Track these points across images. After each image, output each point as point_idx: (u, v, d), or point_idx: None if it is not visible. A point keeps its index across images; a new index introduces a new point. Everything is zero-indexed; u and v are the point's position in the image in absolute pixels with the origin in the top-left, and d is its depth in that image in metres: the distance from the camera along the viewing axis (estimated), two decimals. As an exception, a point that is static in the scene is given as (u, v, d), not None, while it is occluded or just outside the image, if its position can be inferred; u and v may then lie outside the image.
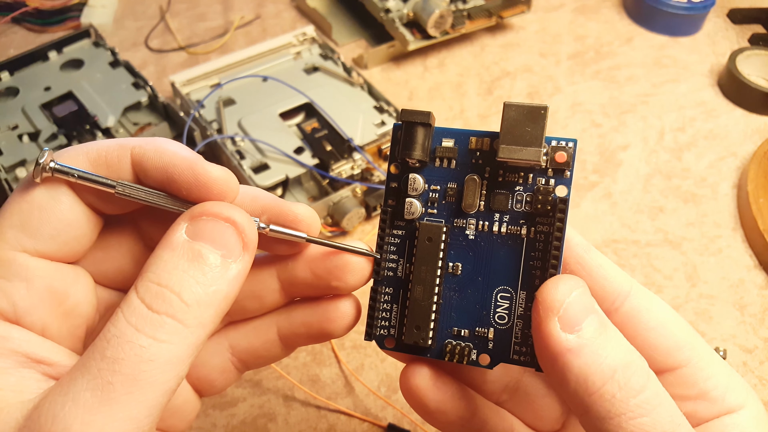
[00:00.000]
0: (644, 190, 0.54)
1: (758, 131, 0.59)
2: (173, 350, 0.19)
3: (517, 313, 0.24)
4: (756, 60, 0.63)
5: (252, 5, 0.72)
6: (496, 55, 0.66)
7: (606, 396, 0.20)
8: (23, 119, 0.54)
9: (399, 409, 0.41)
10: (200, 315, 0.20)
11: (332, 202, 0.48)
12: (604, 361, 0.20)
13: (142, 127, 0.55)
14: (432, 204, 0.25)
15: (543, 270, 0.23)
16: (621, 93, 0.62)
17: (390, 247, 0.25)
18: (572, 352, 0.20)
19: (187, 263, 0.20)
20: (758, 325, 0.45)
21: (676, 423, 0.20)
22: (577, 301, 0.21)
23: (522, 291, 0.24)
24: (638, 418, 0.20)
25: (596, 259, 0.24)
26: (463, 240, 0.24)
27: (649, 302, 0.25)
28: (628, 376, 0.20)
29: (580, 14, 0.71)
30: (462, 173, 0.24)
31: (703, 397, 0.24)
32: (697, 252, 0.49)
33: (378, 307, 0.25)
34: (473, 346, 0.24)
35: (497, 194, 0.24)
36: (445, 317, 0.24)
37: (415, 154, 0.24)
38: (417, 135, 0.24)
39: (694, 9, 0.67)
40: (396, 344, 0.25)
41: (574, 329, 0.20)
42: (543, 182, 0.24)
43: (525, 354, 0.24)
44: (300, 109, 0.56)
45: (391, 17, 0.64)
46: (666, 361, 0.24)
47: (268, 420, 0.40)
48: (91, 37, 0.62)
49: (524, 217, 0.24)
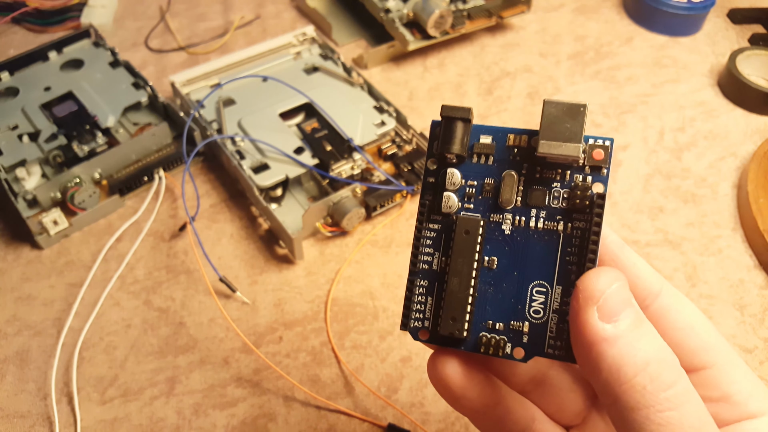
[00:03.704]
0: (644, 190, 0.54)
1: (758, 131, 0.59)
2: None
3: (553, 308, 0.24)
4: (756, 60, 0.63)
5: (252, 5, 0.72)
6: (496, 55, 0.66)
7: (637, 387, 0.20)
8: (23, 119, 0.54)
9: (399, 409, 0.41)
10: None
11: (332, 202, 0.48)
12: (638, 353, 0.20)
13: (142, 127, 0.55)
14: (469, 199, 0.25)
15: (579, 265, 0.24)
16: (621, 93, 0.62)
17: (426, 240, 0.25)
18: (608, 342, 0.21)
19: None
20: (758, 325, 0.45)
21: (703, 421, 0.20)
22: (616, 293, 0.21)
23: (558, 286, 0.24)
24: (666, 411, 0.20)
25: (630, 257, 0.25)
26: (499, 235, 0.25)
27: (679, 303, 0.25)
28: (660, 371, 0.20)
29: (580, 14, 0.71)
30: (499, 169, 0.25)
31: (725, 400, 0.24)
32: (697, 252, 0.49)
33: (413, 299, 0.25)
34: (508, 339, 0.24)
35: (534, 190, 0.24)
36: (480, 310, 0.25)
37: (454, 148, 0.24)
38: (456, 131, 0.24)
39: (694, 9, 0.67)
40: (430, 336, 0.25)
41: (612, 320, 0.21)
42: (580, 179, 0.24)
43: (560, 348, 0.24)
44: (300, 109, 0.56)
45: (391, 17, 0.64)
46: (692, 362, 0.24)
47: (268, 420, 0.40)
48: (91, 37, 0.62)
49: (561, 213, 0.24)
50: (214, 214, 0.52)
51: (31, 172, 0.51)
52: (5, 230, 0.51)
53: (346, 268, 0.48)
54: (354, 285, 0.47)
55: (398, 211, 0.51)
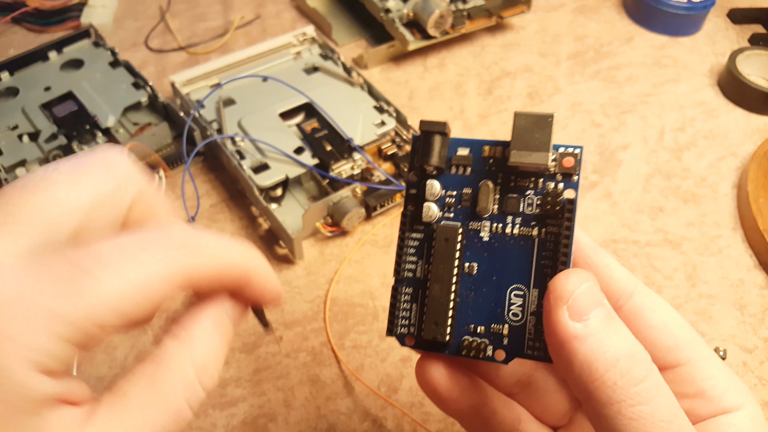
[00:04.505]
0: (644, 190, 0.54)
1: (758, 131, 0.59)
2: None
3: (530, 310, 0.25)
4: (756, 60, 0.63)
5: (252, 5, 0.72)
6: (496, 55, 0.66)
7: (608, 383, 0.21)
8: (23, 119, 0.54)
9: (400, 408, 0.41)
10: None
11: (332, 202, 0.48)
12: (608, 350, 0.21)
13: (142, 127, 0.55)
14: (448, 208, 0.26)
15: (553, 268, 0.25)
16: (621, 93, 0.62)
17: (409, 249, 0.27)
18: (578, 340, 0.21)
19: (226, 343, 0.24)
20: (758, 325, 0.45)
21: (674, 414, 0.21)
22: (585, 292, 0.22)
23: (534, 289, 0.25)
24: (638, 405, 0.20)
25: (603, 259, 0.26)
26: (478, 241, 0.26)
27: (653, 302, 0.26)
28: (631, 366, 0.21)
29: (580, 14, 0.71)
30: (476, 179, 0.26)
31: (701, 395, 0.25)
32: (697, 252, 0.49)
33: (398, 306, 0.26)
34: (489, 342, 0.25)
35: (509, 198, 0.26)
36: (462, 315, 0.26)
37: (433, 161, 0.26)
38: (434, 144, 0.26)
39: (694, 9, 0.67)
40: (416, 342, 0.26)
41: (581, 318, 0.21)
42: (552, 186, 0.25)
43: (538, 349, 0.25)
44: (300, 109, 0.56)
45: (391, 17, 0.64)
46: (666, 359, 0.25)
47: (268, 420, 0.40)
48: (91, 37, 0.62)
49: (535, 219, 0.25)
50: (214, 214, 0.52)
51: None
52: (5, 230, 0.51)
53: (346, 268, 0.48)
54: (354, 285, 0.47)
55: (398, 211, 0.51)
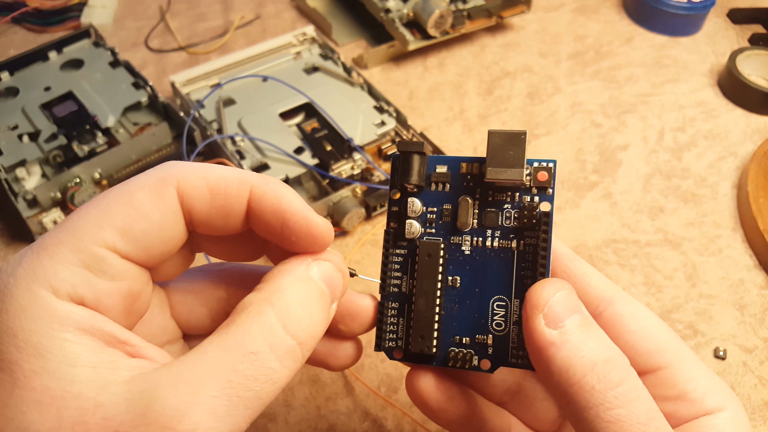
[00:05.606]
0: (644, 190, 0.54)
1: (758, 131, 0.59)
2: (288, 377, 0.21)
3: (513, 320, 0.26)
4: (756, 60, 0.63)
5: (252, 5, 0.72)
6: (496, 55, 0.66)
7: (586, 387, 0.21)
8: (23, 119, 0.54)
9: (400, 408, 0.41)
10: (309, 349, 0.22)
11: (332, 202, 0.48)
12: (585, 354, 0.21)
13: (142, 127, 0.55)
14: (430, 224, 0.27)
15: (533, 278, 0.25)
16: (621, 93, 0.62)
17: (394, 265, 0.27)
18: (555, 346, 0.22)
19: (315, 299, 0.22)
20: (758, 325, 0.45)
21: (651, 416, 0.21)
22: (561, 300, 0.23)
23: (516, 299, 0.26)
24: (615, 409, 0.21)
25: (581, 267, 0.27)
26: (459, 255, 0.27)
27: (632, 308, 0.26)
28: (608, 370, 0.21)
29: (580, 14, 0.71)
30: (455, 195, 0.27)
31: (682, 398, 0.25)
32: (697, 252, 0.49)
33: (386, 321, 0.27)
34: (474, 352, 0.26)
35: (488, 212, 0.26)
36: (447, 327, 0.26)
37: (413, 179, 0.27)
38: (413, 163, 0.27)
39: (694, 9, 0.67)
40: (404, 355, 0.27)
41: (557, 325, 0.22)
42: (528, 199, 0.26)
43: (522, 357, 0.25)
44: (300, 109, 0.56)
45: (391, 17, 0.64)
46: (647, 363, 0.25)
47: (268, 420, 0.40)
48: (91, 37, 0.62)
49: (513, 232, 0.26)
50: (214, 214, 0.52)
51: (31, 172, 0.51)
52: (5, 230, 0.51)
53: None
54: (354, 285, 0.47)
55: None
